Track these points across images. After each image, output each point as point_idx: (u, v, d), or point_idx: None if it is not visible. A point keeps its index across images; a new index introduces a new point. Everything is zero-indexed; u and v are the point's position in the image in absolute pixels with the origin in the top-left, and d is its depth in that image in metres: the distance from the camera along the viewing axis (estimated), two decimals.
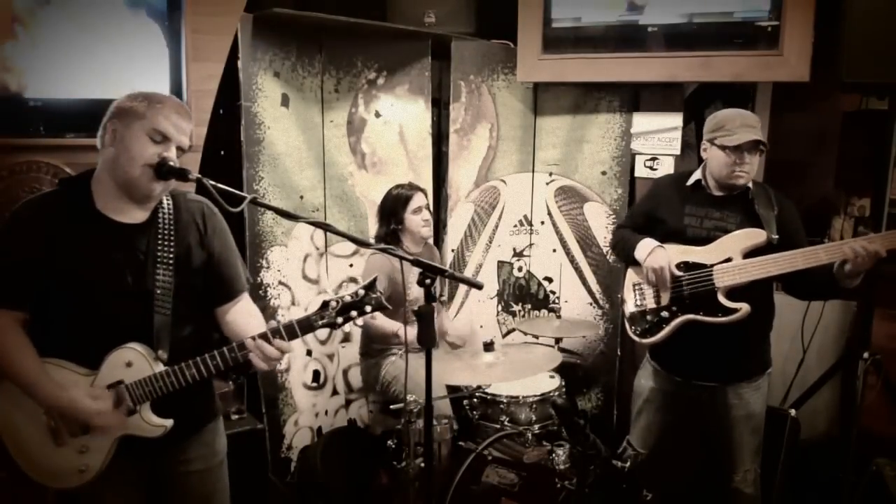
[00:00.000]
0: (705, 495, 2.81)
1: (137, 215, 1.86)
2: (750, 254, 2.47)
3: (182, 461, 1.99)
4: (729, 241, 2.50)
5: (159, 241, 1.86)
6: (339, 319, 1.83)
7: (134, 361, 1.82)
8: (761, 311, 2.53)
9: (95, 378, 1.82)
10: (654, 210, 2.71)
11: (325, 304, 1.83)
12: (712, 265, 2.51)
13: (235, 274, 2.02)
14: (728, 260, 2.49)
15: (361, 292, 1.84)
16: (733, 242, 2.50)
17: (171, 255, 1.87)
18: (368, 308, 1.84)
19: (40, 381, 1.79)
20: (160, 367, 1.84)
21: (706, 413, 2.64)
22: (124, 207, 1.84)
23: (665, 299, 2.61)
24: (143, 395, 1.83)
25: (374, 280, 1.86)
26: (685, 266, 2.56)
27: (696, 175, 2.63)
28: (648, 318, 2.65)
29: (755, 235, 2.46)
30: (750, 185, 2.53)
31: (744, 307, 2.45)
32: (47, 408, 1.81)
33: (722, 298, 2.48)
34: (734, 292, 2.49)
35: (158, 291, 1.84)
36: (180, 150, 1.83)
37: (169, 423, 1.86)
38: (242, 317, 2.00)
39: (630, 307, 2.71)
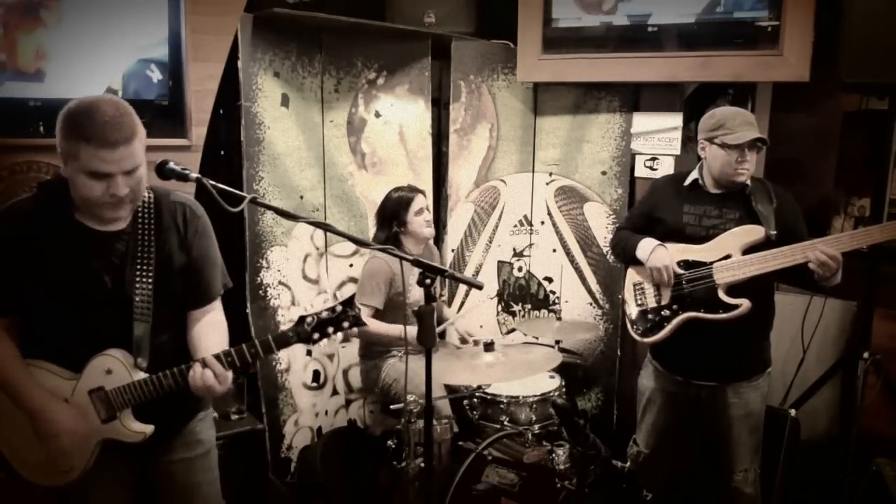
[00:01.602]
0: (706, 495, 2.81)
1: (116, 223, 1.83)
2: (749, 250, 2.47)
3: (166, 451, 1.98)
4: (728, 238, 2.51)
5: (139, 248, 1.84)
6: (315, 335, 1.82)
7: (114, 369, 1.82)
8: (761, 311, 2.53)
9: (77, 383, 1.82)
10: (652, 210, 2.71)
11: (302, 320, 1.82)
12: (712, 262, 2.51)
13: (211, 279, 1.98)
14: (727, 257, 2.50)
15: (339, 308, 1.82)
16: (732, 239, 2.50)
17: (151, 262, 1.84)
18: (346, 324, 1.83)
19: (23, 387, 1.79)
20: (140, 375, 1.83)
21: (706, 412, 2.65)
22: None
23: (666, 298, 2.61)
24: (122, 403, 1.82)
25: (353, 297, 1.85)
26: (685, 264, 2.57)
27: (694, 174, 2.63)
28: (650, 317, 2.65)
29: (754, 232, 2.47)
30: (748, 181, 2.53)
31: (744, 303, 2.46)
32: (27, 414, 1.79)
33: (723, 295, 2.49)
34: (734, 291, 2.49)
35: (137, 299, 1.82)
36: (134, 170, 1.72)
37: (149, 429, 1.85)
38: (206, 330, 1.96)
39: (631, 307, 2.71)
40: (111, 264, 1.82)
